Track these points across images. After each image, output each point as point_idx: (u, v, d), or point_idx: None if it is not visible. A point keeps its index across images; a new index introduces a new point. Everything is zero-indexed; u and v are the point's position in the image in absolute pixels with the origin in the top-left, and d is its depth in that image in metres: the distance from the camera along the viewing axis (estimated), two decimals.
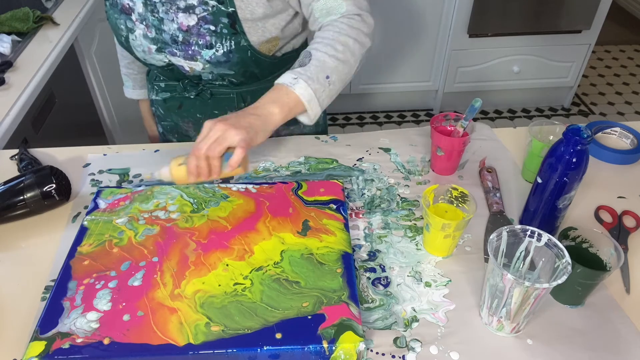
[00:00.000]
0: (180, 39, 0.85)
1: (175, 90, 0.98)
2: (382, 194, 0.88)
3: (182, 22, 0.83)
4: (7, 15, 1.42)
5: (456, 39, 2.35)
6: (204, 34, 0.84)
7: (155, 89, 1.02)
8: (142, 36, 0.87)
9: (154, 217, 0.78)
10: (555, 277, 0.62)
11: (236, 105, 0.98)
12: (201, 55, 0.86)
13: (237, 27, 0.84)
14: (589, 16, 2.32)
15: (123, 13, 0.87)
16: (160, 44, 0.87)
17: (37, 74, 1.26)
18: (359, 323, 0.63)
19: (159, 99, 1.02)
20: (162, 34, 0.86)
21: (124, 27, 0.88)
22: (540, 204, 0.77)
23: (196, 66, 0.89)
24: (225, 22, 0.83)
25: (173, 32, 0.85)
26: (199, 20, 0.83)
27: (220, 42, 0.85)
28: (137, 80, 1.13)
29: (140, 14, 0.86)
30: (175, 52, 0.87)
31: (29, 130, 1.21)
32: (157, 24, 0.85)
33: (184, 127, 1.04)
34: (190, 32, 0.84)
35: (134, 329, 0.62)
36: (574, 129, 0.70)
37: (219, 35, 0.84)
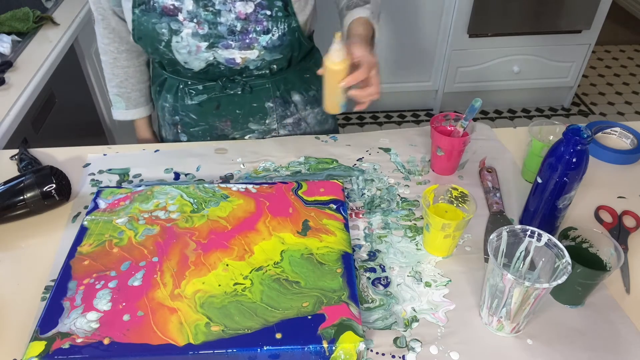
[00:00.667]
0: (238, 29, 0.87)
1: (214, 90, 0.98)
2: (382, 194, 0.88)
3: (240, 11, 0.85)
4: (7, 15, 1.42)
5: (456, 39, 2.35)
6: (261, 19, 0.86)
7: (189, 93, 0.99)
8: (191, 35, 0.87)
9: (154, 217, 0.78)
10: (555, 277, 0.62)
11: (272, 94, 1.00)
12: (258, 41, 0.89)
13: (289, 9, 0.88)
14: (589, 16, 2.32)
15: (165, 16, 0.86)
16: (213, 39, 0.87)
17: (37, 74, 1.26)
18: (359, 323, 0.63)
19: (193, 104, 1.00)
20: (217, 27, 0.86)
21: (166, 30, 0.87)
22: (540, 204, 0.77)
23: (251, 55, 0.90)
24: (280, 5, 0.87)
25: (231, 22, 0.86)
26: (255, 7, 0.85)
27: (276, 26, 0.88)
28: (132, 99, 1.08)
29: (189, 12, 0.85)
30: (230, 44, 0.88)
31: (29, 130, 1.21)
32: (211, 19, 0.85)
33: (220, 127, 1.03)
34: (248, 19, 0.86)
35: (134, 329, 0.62)
36: (574, 129, 0.70)
37: (274, 19, 0.87)
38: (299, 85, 1.03)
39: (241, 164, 0.95)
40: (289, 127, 1.06)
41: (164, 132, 1.11)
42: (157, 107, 1.09)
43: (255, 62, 0.92)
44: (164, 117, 1.07)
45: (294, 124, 1.06)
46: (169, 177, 0.92)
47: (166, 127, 1.09)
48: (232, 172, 0.93)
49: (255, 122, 1.03)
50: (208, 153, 0.98)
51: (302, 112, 1.06)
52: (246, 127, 1.03)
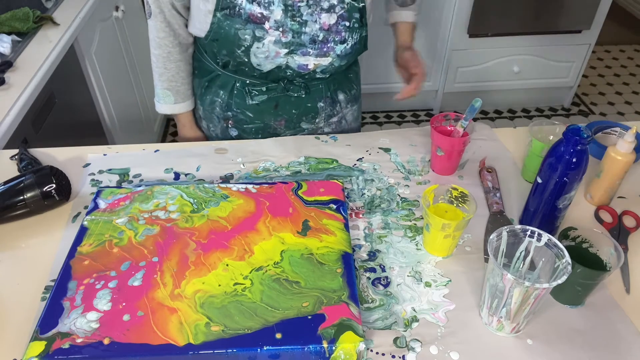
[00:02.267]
0: (320, 38, 0.90)
1: (275, 91, 1.00)
2: (382, 194, 0.88)
3: (325, 22, 0.89)
4: (7, 15, 1.42)
5: (456, 39, 2.35)
6: (340, 30, 0.91)
7: (251, 93, 1.01)
8: (273, 42, 0.89)
9: (154, 217, 0.78)
10: (555, 277, 0.62)
11: (324, 95, 1.04)
12: (334, 50, 0.92)
13: (364, 21, 0.93)
14: (589, 16, 2.32)
15: (250, 22, 0.86)
16: (294, 47, 0.90)
17: (37, 74, 1.26)
18: (359, 323, 0.63)
19: (253, 104, 1.02)
20: (300, 36, 0.89)
21: (249, 36, 0.88)
22: (540, 204, 0.77)
23: (324, 61, 0.94)
24: (357, 17, 0.91)
25: (315, 32, 0.89)
26: (337, 19, 0.89)
27: (351, 36, 0.93)
28: (181, 93, 1.07)
29: (277, 21, 0.87)
30: (308, 51, 0.91)
31: (29, 130, 1.21)
32: (296, 28, 0.88)
33: (274, 126, 1.05)
34: (330, 30, 0.90)
35: (134, 329, 0.62)
36: (574, 129, 0.70)
37: (351, 30, 0.92)
38: (344, 85, 1.07)
39: (241, 164, 0.95)
40: (333, 125, 1.11)
41: (205, 124, 1.11)
42: (201, 100, 1.09)
43: (324, 67, 0.96)
44: (212, 110, 1.07)
45: (337, 122, 1.11)
46: (169, 177, 0.92)
47: (214, 121, 1.09)
48: (232, 172, 0.93)
49: (307, 122, 1.06)
50: (208, 153, 0.98)
51: (344, 110, 1.10)
52: (298, 127, 1.07)
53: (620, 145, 0.81)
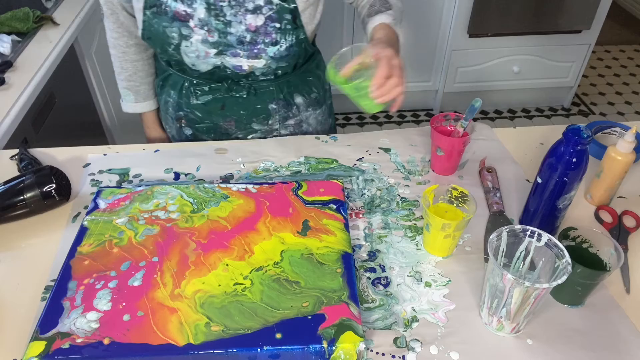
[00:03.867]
0: (247, 40, 0.88)
1: (219, 91, 0.99)
2: (382, 194, 0.88)
3: (251, 23, 0.86)
4: (7, 15, 1.42)
5: (456, 39, 2.35)
6: (270, 32, 0.88)
7: (195, 93, 1.00)
8: (200, 41, 0.88)
9: (154, 217, 0.78)
10: (555, 277, 0.62)
11: (275, 97, 1.01)
12: (266, 52, 0.90)
13: (298, 22, 0.90)
14: (589, 16, 2.32)
15: (176, 20, 0.86)
16: (222, 47, 0.89)
17: (37, 74, 1.26)
18: (359, 323, 0.63)
19: (199, 103, 1.01)
20: (226, 37, 0.87)
21: (176, 34, 0.88)
22: (540, 204, 0.77)
23: (258, 63, 0.92)
24: (289, 18, 0.88)
25: (240, 33, 0.87)
26: (265, 20, 0.87)
27: (284, 38, 0.90)
28: (140, 92, 1.09)
29: (201, 20, 0.86)
30: (238, 52, 0.90)
31: (29, 130, 1.21)
32: (221, 28, 0.86)
33: (224, 126, 1.04)
34: (257, 31, 0.87)
35: (134, 329, 0.62)
36: (574, 129, 0.70)
37: (283, 31, 0.89)
38: (301, 87, 1.04)
39: (241, 164, 0.95)
40: (291, 127, 1.07)
41: (164, 124, 1.12)
42: (159, 100, 1.10)
43: (261, 69, 0.94)
44: (166, 110, 1.08)
45: (295, 125, 1.08)
46: (169, 177, 0.92)
47: (168, 121, 1.10)
48: (232, 172, 0.93)
49: (259, 123, 1.04)
50: (208, 153, 0.98)
51: (303, 114, 1.07)
52: (249, 127, 1.04)
53: (620, 145, 0.81)
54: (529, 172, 0.94)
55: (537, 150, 0.99)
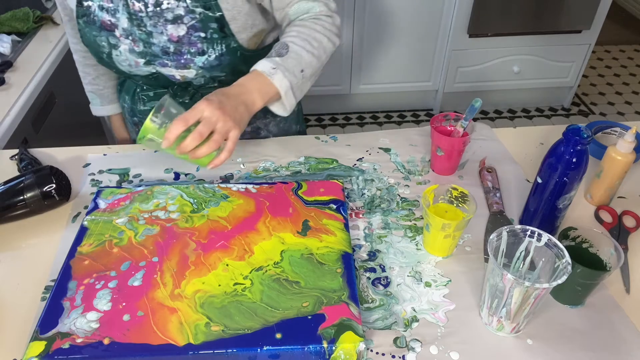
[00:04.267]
0: (171, 50, 0.85)
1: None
2: (382, 194, 0.88)
3: (172, 34, 0.83)
4: (7, 15, 1.42)
5: (456, 39, 2.35)
6: (195, 42, 0.84)
7: (142, 99, 1.00)
8: (128, 51, 0.87)
9: (154, 217, 0.78)
10: (555, 277, 0.62)
11: None
12: (194, 62, 0.87)
13: (226, 30, 0.85)
14: (589, 16, 2.32)
15: (104, 30, 0.85)
16: (149, 57, 0.87)
17: (37, 74, 1.26)
18: (359, 323, 0.63)
19: (147, 109, 1.01)
20: (151, 47, 0.85)
21: (105, 43, 0.87)
22: (540, 204, 0.77)
23: (189, 73, 0.89)
24: (215, 27, 0.84)
25: (163, 44, 0.85)
26: (188, 30, 0.83)
27: (211, 47, 0.85)
28: (105, 96, 1.09)
29: (125, 29, 0.84)
30: (166, 62, 0.87)
31: (29, 130, 1.21)
32: (145, 38, 0.84)
33: None
34: (181, 42, 0.84)
35: (134, 329, 0.62)
36: (574, 129, 0.70)
37: (209, 41, 0.85)
38: None
39: (241, 164, 0.95)
40: (247, 135, 1.06)
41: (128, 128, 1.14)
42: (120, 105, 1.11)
43: (196, 79, 0.91)
44: (125, 115, 1.10)
45: (252, 132, 1.06)
46: (169, 177, 0.92)
47: (128, 126, 1.11)
48: (232, 172, 0.93)
49: None
50: None
51: (260, 121, 1.06)
52: None
53: (620, 145, 0.81)
54: (529, 172, 0.94)
55: (537, 150, 0.99)
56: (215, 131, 0.71)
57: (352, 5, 2.21)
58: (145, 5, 0.82)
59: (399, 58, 2.43)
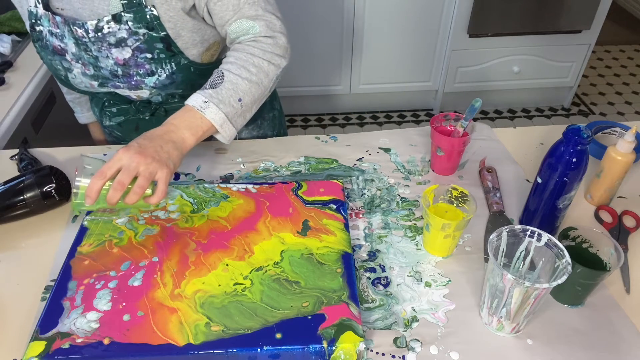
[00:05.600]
0: (120, 73, 0.85)
1: (129, 112, 0.98)
2: (382, 194, 0.88)
3: (117, 57, 0.82)
4: (7, 15, 1.42)
5: (456, 39, 2.35)
6: (142, 63, 0.83)
7: (107, 114, 0.99)
8: (81, 74, 0.87)
9: (154, 217, 0.78)
10: (555, 277, 0.62)
11: None
12: (145, 83, 0.86)
13: (174, 49, 0.83)
14: (589, 16, 2.32)
15: (56, 54, 0.85)
16: (102, 80, 0.87)
17: (37, 74, 1.26)
18: (359, 323, 0.63)
19: (113, 124, 1.01)
20: (100, 70, 0.85)
21: (60, 67, 0.87)
22: (540, 204, 0.77)
23: (143, 94, 0.89)
24: (161, 47, 0.82)
25: (111, 67, 0.84)
26: (133, 52, 0.82)
27: (160, 67, 0.84)
28: (83, 104, 1.12)
29: (74, 54, 0.84)
30: (118, 84, 0.87)
31: (29, 130, 1.21)
32: (93, 62, 0.84)
33: None
34: (127, 64, 0.83)
35: (134, 329, 0.62)
36: (574, 129, 0.70)
37: (157, 61, 0.83)
38: None
39: (241, 164, 0.95)
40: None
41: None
42: None
43: (152, 97, 0.91)
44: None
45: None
46: None
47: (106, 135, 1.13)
48: (232, 172, 0.93)
49: None
50: (208, 153, 0.98)
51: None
52: None
53: (620, 145, 0.81)
54: (529, 172, 0.94)
55: (537, 150, 1.00)
56: (139, 175, 0.68)
57: (352, 5, 2.22)
58: (86, 32, 0.80)
59: (399, 58, 2.43)
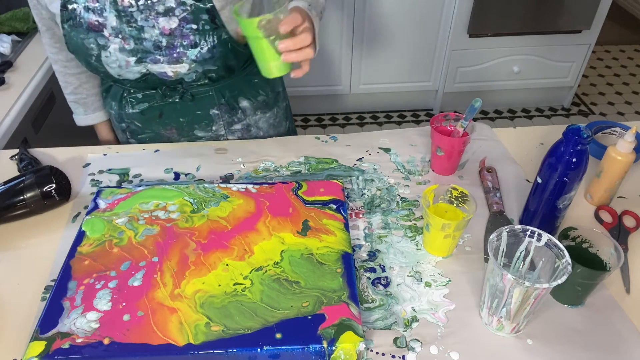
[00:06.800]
0: (164, 44, 0.85)
1: (154, 98, 0.97)
2: (382, 194, 0.88)
3: (164, 27, 0.83)
4: (7, 15, 1.42)
5: (456, 39, 2.35)
6: (187, 34, 0.85)
7: (130, 102, 0.99)
8: (118, 50, 0.86)
9: (154, 217, 0.78)
10: (555, 277, 0.62)
11: (216, 102, 0.99)
12: (187, 55, 0.87)
13: (217, 21, 0.85)
14: (589, 16, 2.32)
15: (91, 31, 0.85)
16: (141, 54, 0.87)
17: (37, 74, 1.26)
18: (359, 323, 0.63)
19: (135, 112, 1.00)
20: (142, 43, 0.85)
21: (94, 45, 0.86)
22: (540, 204, 0.77)
23: (181, 68, 0.89)
24: (206, 19, 0.84)
25: (155, 38, 0.85)
26: (180, 22, 0.83)
27: (204, 39, 0.86)
28: (89, 104, 1.08)
29: (114, 28, 0.84)
30: (158, 58, 0.87)
31: (29, 130, 1.21)
32: (135, 34, 0.84)
33: (166, 135, 1.03)
34: (173, 34, 0.84)
35: (134, 329, 0.62)
36: (574, 129, 0.70)
37: (201, 32, 0.85)
38: (246, 91, 1.02)
39: (241, 164, 0.95)
40: (238, 132, 1.06)
41: (117, 135, 1.12)
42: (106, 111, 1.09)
43: (188, 75, 0.91)
44: (113, 122, 1.08)
45: (243, 129, 1.06)
46: (169, 177, 0.92)
47: (118, 132, 1.10)
48: (232, 172, 0.93)
49: (201, 129, 1.02)
50: (208, 153, 0.98)
51: (251, 118, 1.05)
52: (192, 134, 1.03)
53: (620, 145, 0.81)
54: (529, 172, 0.94)
55: (537, 150, 1.00)
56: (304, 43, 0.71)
57: (352, 5, 2.21)
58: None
59: (399, 58, 2.43)
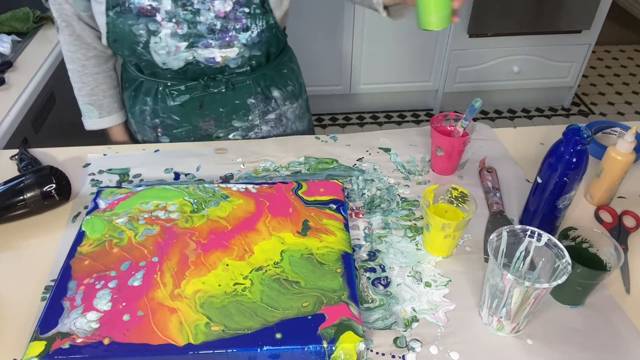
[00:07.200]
0: (218, 27, 0.87)
1: (196, 89, 0.97)
2: (382, 194, 0.88)
3: (220, 9, 0.86)
4: (7, 15, 1.42)
5: (456, 39, 2.35)
6: (240, 17, 0.87)
7: (171, 94, 0.98)
8: (170, 35, 0.87)
9: (154, 217, 0.78)
10: (555, 277, 0.62)
11: (253, 91, 1.00)
12: (238, 39, 0.89)
13: (266, 6, 0.89)
14: (589, 16, 2.32)
15: (142, 17, 0.85)
16: (193, 39, 0.88)
17: (37, 74, 1.26)
18: (359, 323, 0.63)
19: (176, 104, 0.99)
20: (196, 26, 0.87)
21: (144, 31, 0.86)
22: (540, 204, 0.77)
23: (231, 53, 0.91)
24: (257, 3, 0.88)
25: (210, 21, 0.87)
26: (234, 5, 0.87)
27: (254, 23, 0.89)
28: (104, 106, 1.05)
29: (168, 12, 0.85)
30: (210, 42, 0.89)
31: (29, 130, 1.21)
32: (190, 18, 0.86)
33: (204, 127, 1.02)
34: (227, 17, 0.87)
35: (134, 329, 0.62)
36: (574, 129, 0.70)
37: (253, 16, 0.88)
38: (277, 80, 1.04)
39: (241, 164, 0.95)
40: (271, 122, 1.07)
41: (140, 137, 1.08)
42: (131, 113, 1.06)
43: (235, 60, 0.93)
44: (143, 121, 1.04)
45: (275, 119, 1.07)
46: (169, 177, 0.92)
47: (146, 132, 1.06)
48: (232, 172, 0.93)
49: (239, 119, 1.03)
50: (208, 153, 0.98)
51: (282, 108, 1.07)
52: (230, 125, 1.03)
53: (620, 145, 0.81)
54: (529, 172, 0.94)
55: (537, 150, 1.00)
56: None
57: (352, 5, 2.22)
58: None
59: (399, 58, 2.43)
